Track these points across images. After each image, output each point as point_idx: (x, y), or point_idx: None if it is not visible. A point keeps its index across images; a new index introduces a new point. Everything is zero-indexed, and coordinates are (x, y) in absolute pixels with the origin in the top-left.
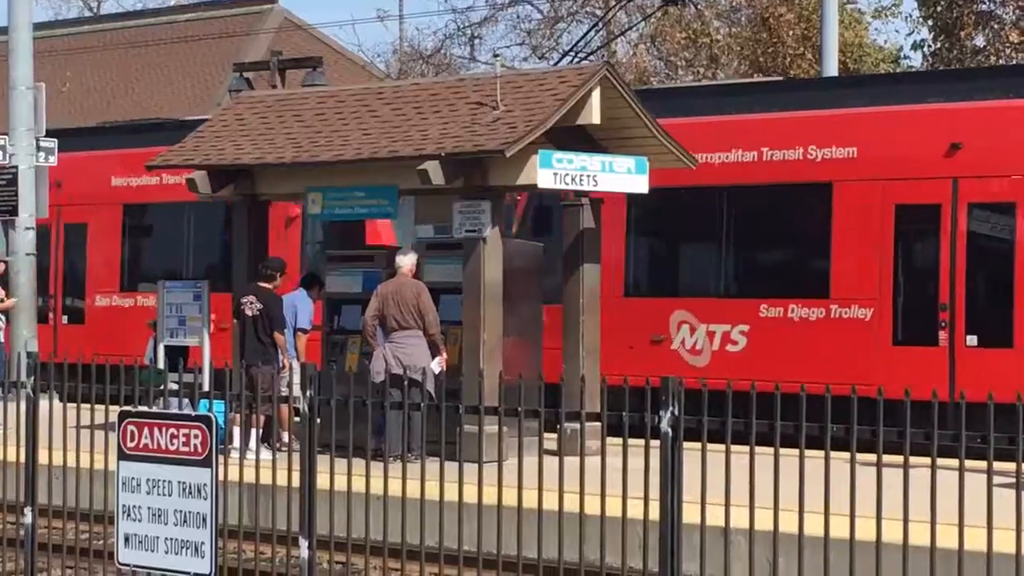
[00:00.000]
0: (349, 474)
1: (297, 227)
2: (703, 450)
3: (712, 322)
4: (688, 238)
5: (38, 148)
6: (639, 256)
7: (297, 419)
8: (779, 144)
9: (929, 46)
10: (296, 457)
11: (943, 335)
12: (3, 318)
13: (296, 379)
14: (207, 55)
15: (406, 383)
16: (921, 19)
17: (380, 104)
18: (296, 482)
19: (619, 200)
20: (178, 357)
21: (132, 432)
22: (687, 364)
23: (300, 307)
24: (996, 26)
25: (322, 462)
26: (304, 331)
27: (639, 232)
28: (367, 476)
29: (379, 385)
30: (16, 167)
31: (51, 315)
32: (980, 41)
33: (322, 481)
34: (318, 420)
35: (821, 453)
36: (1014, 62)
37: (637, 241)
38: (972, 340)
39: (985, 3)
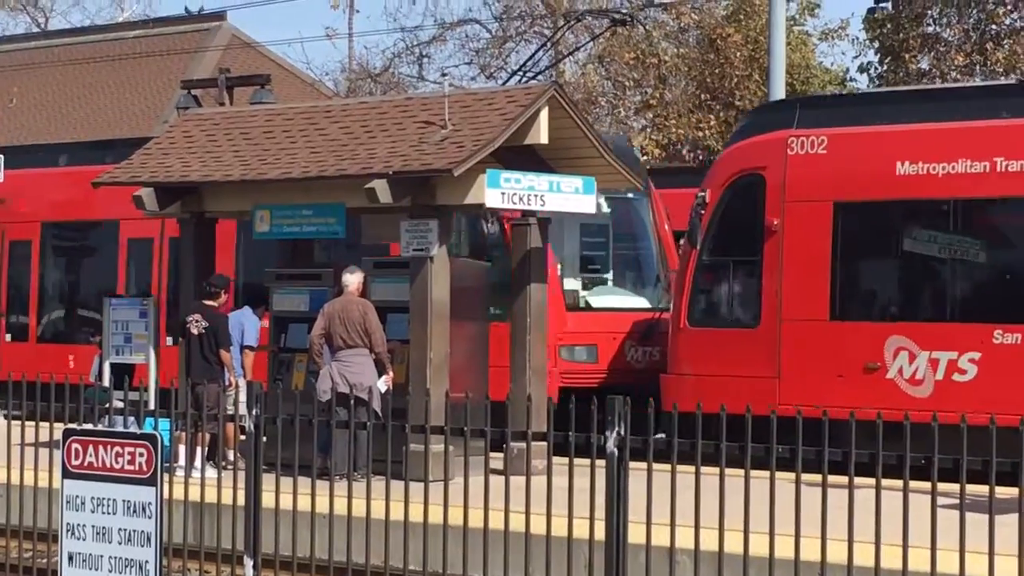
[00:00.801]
0: (295, 493)
1: None
2: (648, 471)
3: (936, 349)
4: (908, 255)
5: None
6: (848, 274)
7: (243, 437)
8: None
9: (875, 68)
10: (241, 475)
11: None
12: None
13: (242, 397)
14: (155, 72)
15: (352, 401)
16: (867, 42)
17: (328, 122)
18: (241, 500)
19: (823, 209)
20: (123, 375)
21: (77, 450)
22: (906, 395)
23: (247, 325)
24: (942, 48)
25: (268, 480)
26: (251, 349)
27: (848, 247)
28: (312, 495)
29: (325, 404)
30: None
31: None
32: (925, 64)
33: (268, 500)
34: (264, 438)
35: (767, 474)
36: (959, 84)
37: (846, 257)
38: None
39: (931, 26)
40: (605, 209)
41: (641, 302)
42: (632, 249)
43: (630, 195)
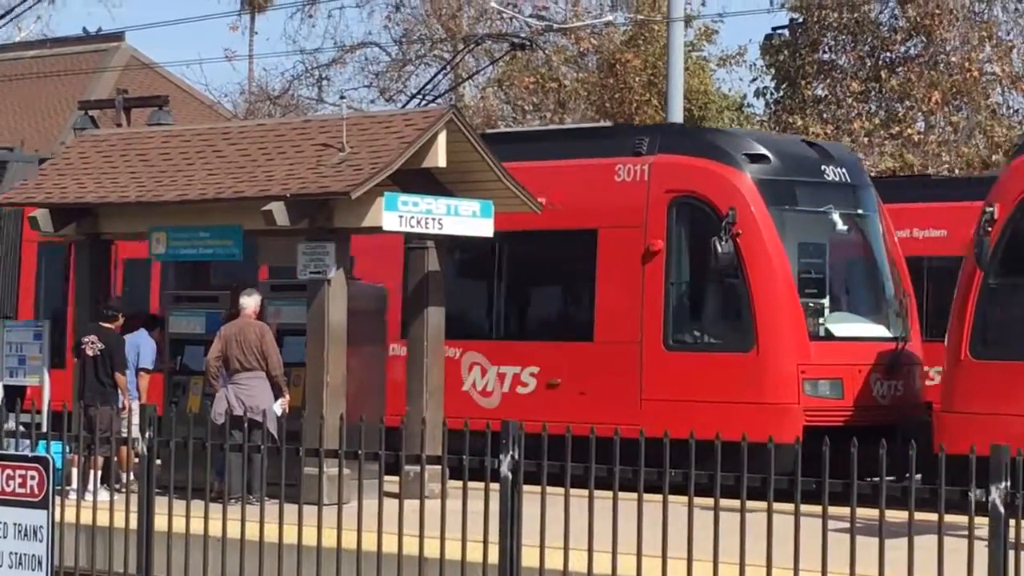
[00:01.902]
0: (188, 516)
1: None
2: (543, 494)
3: None
4: None
5: None
6: None
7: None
8: None
9: (772, 94)
10: (134, 498)
11: None
12: None
13: (136, 420)
14: (53, 93)
15: (247, 424)
16: (764, 68)
17: (226, 144)
18: (134, 524)
19: None
20: (16, 397)
21: None
22: None
23: (142, 347)
24: (837, 75)
25: (162, 504)
26: (147, 371)
27: None
28: (206, 518)
29: (220, 426)
30: None
31: None
32: (821, 90)
33: (161, 523)
34: (158, 461)
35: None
36: (855, 111)
37: None
38: None
39: (826, 52)
40: (842, 226)
41: (882, 330)
42: (863, 271)
43: (860, 211)
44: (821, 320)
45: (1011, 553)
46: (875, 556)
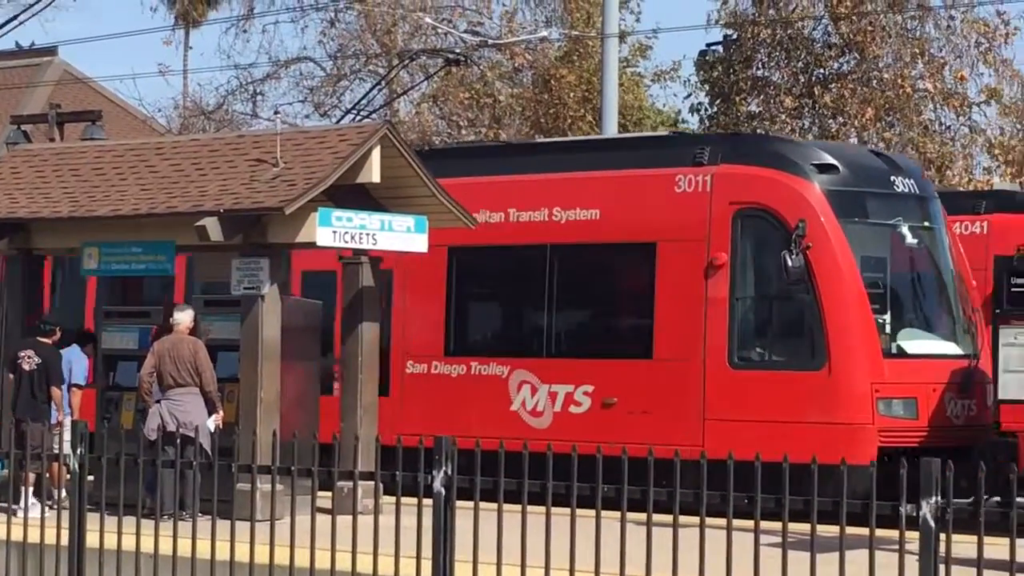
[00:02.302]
0: (119, 532)
1: None
2: (475, 509)
3: None
4: None
5: None
6: None
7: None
8: None
9: (706, 110)
10: (66, 515)
11: None
12: None
13: (67, 436)
14: None
15: (179, 440)
16: (699, 84)
17: (159, 159)
18: (65, 540)
19: None
20: None
21: None
22: None
23: (75, 363)
24: (771, 91)
25: (93, 520)
26: (79, 387)
27: None
28: (138, 534)
29: (153, 442)
30: None
31: None
32: (755, 106)
33: (93, 539)
34: (90, 478)
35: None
36: (788, 127)
37: None
38: None
39: (760, 69)
40: (911, 239)
41: (953, 348)
42: (933, 286)
43: (927, 224)
44: (894, 337)
45: (941, 568)
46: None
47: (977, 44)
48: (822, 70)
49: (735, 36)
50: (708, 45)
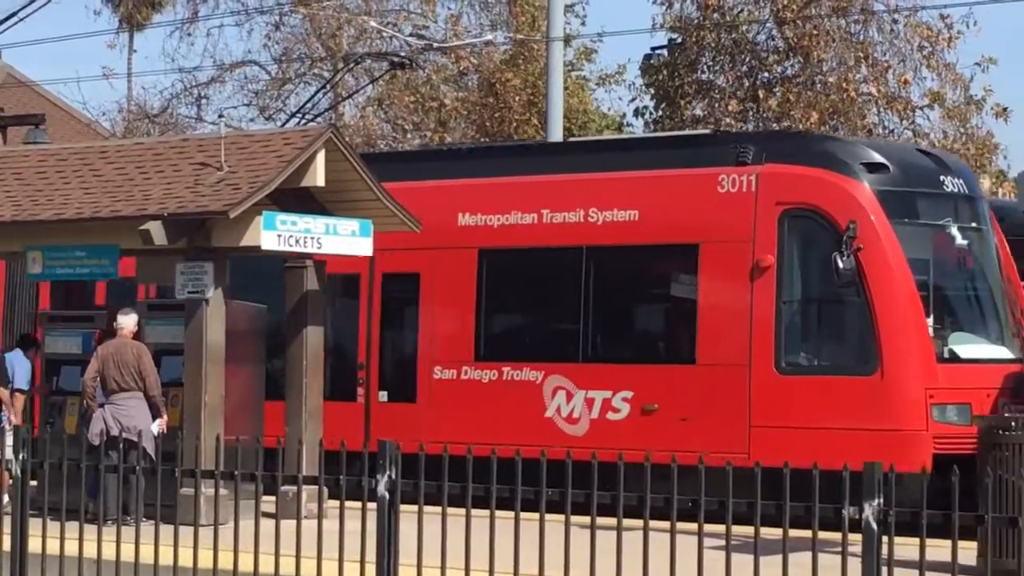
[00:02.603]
0: (62, 537)
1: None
2: (419, 513)
3: None
4: None
5: None
6: None
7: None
8: None
9: (651, 113)
10: (8, 520)
11: None
12: None
13: (9, 441)
14: None
15: (123, 445)
16: (643, 87)
17: (103, 163)
18: (7, 546)
19: None
20: None
21: None
22: None
23: (17, 367)
24: (716, 95)
25: (36, 525)
26: (21, 392)
27: None
28: (81, 539)
29: (96, 447)
30: None
31: None
32: (700, 110)
33: (36, 545)
34: (33, 483)
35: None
36: (734, 130)
37: None
38: None
39: (705, 72)
40: (961, 241)
41: (1005, 352)
42: (983, 288)
43: (977, 224)
44: (946, 341)
45: (884, 570)
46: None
47: (920, 48)
48: (767, 74)
49: (680, 40)
50: (653, 49)
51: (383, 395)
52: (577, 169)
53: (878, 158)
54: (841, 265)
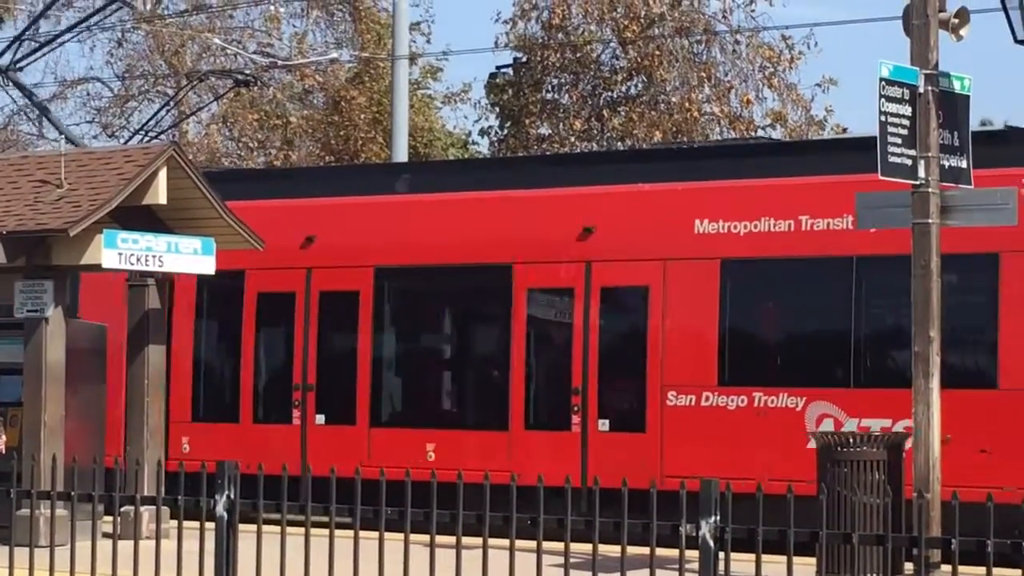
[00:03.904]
0: None
1: None
2: (259, 533)
3: None
4: None
5: None
6: None
7: None
8: None
9: (496, 132)
10: None
11: None
12: None
13: None
14: None
15: None
16: (489, 106)
17: None
18: None
19: None
20: None
21: None
22: None
23: None
24: (560, 114)
25: None
26: None
27: None
28: None
29: None
30: None
31: None
32: (545, 129)
33: None
34: None
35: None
36: (577, 150)
37: None
38: None
39: (550, 92)
40: None
41: None
42: None
43: None
44: None
45: None
46: None
47: (762, 68)
48: (611, 93)
49: (525, 59)
50: (498, 68)
51: (603, 424)
52: (841, 170)
53: None
54: None
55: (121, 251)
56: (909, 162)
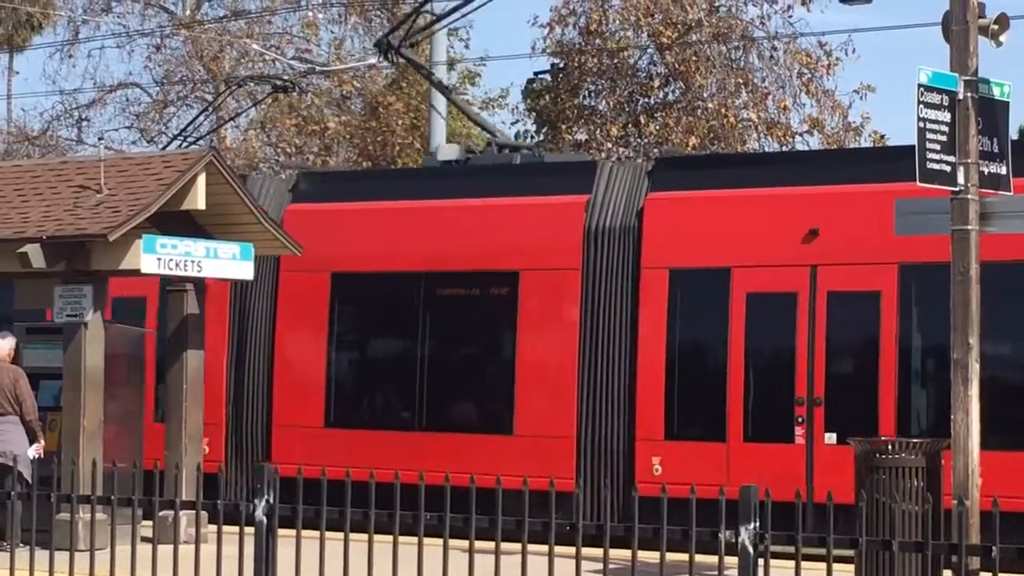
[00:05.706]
0: None
1: None
2: (298, 538)
3: None
4: None
5: None
6: None
7: None
8: None
9: (533, 137)
10: None
11: None
12: None
13: None
14: None
15: None
16: (526, 111)
17: None
18: None
19: None
20: None
21: None
22: None
23: None
24: (597, 120)
25: None
26: None
27: None
28: None
29: None
30: None
31: None
32: (582, 135)
33: None
34: None
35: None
36: (615, 156)
37: None
38: None
39: (587, 98)
40: None
41: None
42: None
43: None
44: None
45: None
46: None
47: (800, 75)
48: (647, 99)
49: (562, 65)
50: (536, 73)
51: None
52: None
53: None
54: None
55: (160, 256)
56: (948, 168)
